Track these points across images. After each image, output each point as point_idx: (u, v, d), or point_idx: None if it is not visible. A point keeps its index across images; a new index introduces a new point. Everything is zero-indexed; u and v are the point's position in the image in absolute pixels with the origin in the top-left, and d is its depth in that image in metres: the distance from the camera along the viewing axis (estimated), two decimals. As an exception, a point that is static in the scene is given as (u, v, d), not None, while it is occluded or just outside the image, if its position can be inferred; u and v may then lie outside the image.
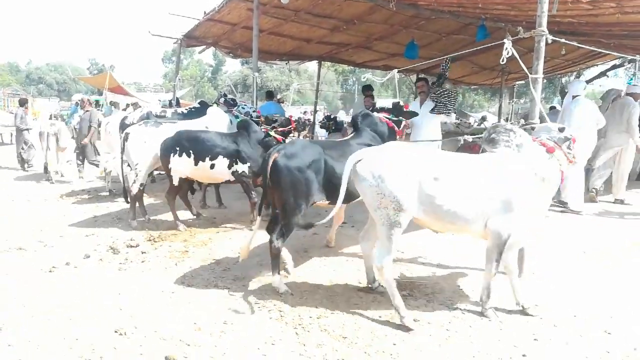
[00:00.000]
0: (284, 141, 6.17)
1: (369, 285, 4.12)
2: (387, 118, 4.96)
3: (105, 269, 4.59)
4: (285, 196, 4.05)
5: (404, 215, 3.43)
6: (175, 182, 5.87)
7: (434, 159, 3.56)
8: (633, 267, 4.75)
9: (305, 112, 23.51)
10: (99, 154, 9.26)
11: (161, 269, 4.58)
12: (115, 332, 3.33)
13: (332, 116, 16.77)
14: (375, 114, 5.05)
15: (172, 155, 5.66)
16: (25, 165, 10.99)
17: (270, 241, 4.10)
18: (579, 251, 5.17)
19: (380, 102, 9.23)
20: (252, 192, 5.92)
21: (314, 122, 14.49)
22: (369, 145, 4.54)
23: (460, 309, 3.76)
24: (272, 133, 5.97)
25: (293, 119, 6.87)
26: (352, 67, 17.01)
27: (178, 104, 9.67)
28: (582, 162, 6.66)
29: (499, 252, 3.53)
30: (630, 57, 9.45)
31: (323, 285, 4.22)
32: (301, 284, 4.25)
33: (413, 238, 5.18)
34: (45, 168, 9.68)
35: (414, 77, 15.59)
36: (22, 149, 10.91)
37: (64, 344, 3.15)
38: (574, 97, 7.21)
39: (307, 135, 19.60)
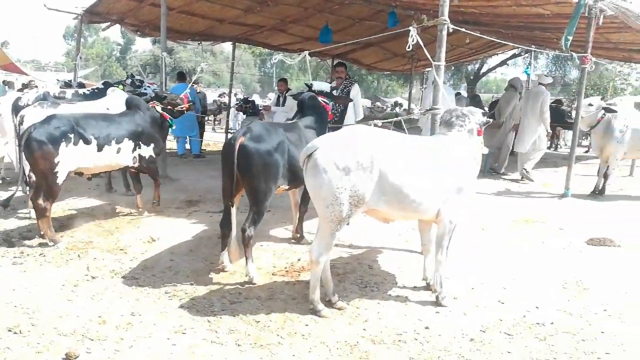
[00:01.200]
0: (171, 121, 6.02)
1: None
2: (324, 102, 4.97)
3: (-3, 263, 4.23)
4: (257, 181, 3.93)
5: (359, 210, 3.30)
6: (62, 180, 4.71)
7: (397, 145, 3.40)
8: (528, 243, 5.17)
9: (222, 95, 22.98)
10: None
11: (62, 262, 4.30)
12: (9, 330, 3.09)
13: (248, 99, 16.53)
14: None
15: (62, 144, 4.60)
16: None
17: (243, 230, 3.96)
18: (478, 228, 5.56)
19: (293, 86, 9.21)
20: (158, 176, 5.76)
21: (229, 105, 14.22)
22: (312, 128, 4.55)
23: (370, 287, 3.92)
24: (158, 109, 5.75)
25: (189, 97, 6.70)
26: (269, 50, 16.80)
27: (82, 86, 9.02)
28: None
29: (450, 237, 3.59)
30: (526, 48, 10.23)
31: (237, 271, 4.18)
32: (215, 271, 4.18)
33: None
34: None
35: (330, 61, 15.79)
36: None
37: (-53, 348, 2.87)
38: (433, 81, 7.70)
39: (218, 119, 19.14)
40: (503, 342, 3.13)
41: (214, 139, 13.59)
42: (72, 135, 4.70)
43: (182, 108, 6.18)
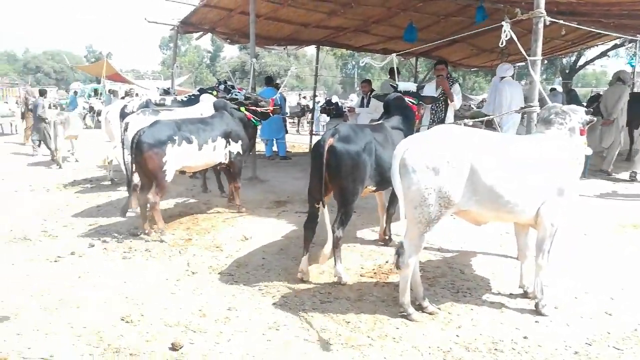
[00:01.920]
0: (256, 120, 6.29)
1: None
2: (411, 102, 4.92)
3: (110, 257, 4.62)
4: (345, 182, 3.97)
5: (449, 211, 3.25)
6: (170, 178, 5.22)
7: (490, 144, 3.30)
8: (637, 250, 4.76)
9: (304, 97, 23.44)
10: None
11: (165, 257, 4.62)
12: (122, 319, 3.37)
13: (332, 101, 16.69)
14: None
15: (169, 146, 5.11)
16: (54, 155, 11.19)
17: (333, 231, 4.00)
18: (580, 233, 5.20)
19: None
20: (239, 177, 6.13)
21: (313, 107, 14.45)
22: (399, 129, 4.52)
23: (462, 292, 3.81)
24: (243, 110, 6.12)
25: (276, 101, 6.93)
26: (351, 51, 16.84)
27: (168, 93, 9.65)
28: (513, 132, 7.10)
29: (552, 241, 3.42)
30: (630, 38, 9.39)
31: (326, 271, 4.25)
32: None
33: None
34: (53, 155, 10.13)
35: (413, 60, 15.53)
36: (44, 139, 11.07)
37: (71, 332, 3.19)
38: (502, 78, 7.52)
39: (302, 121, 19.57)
40: (612, 357, 2.91)
41: (298, 141, 13.91)
42: (176, 138, 5.21)
43: (266, 110, 6.41)
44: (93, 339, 3.12)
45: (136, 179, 5.92)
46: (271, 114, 6.64)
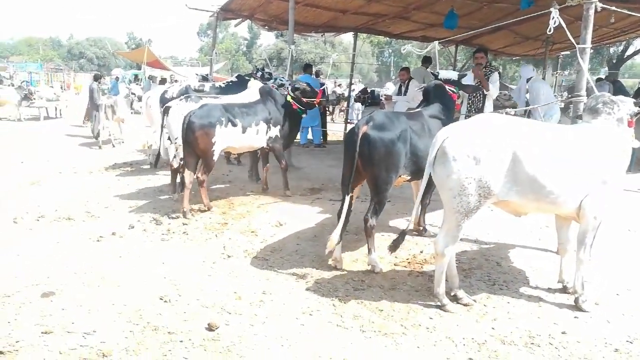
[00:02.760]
0: (301, 110, 6.32)
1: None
2: (452, 91, 4.82)
3: (149, 239, 4.76)
4: (378, 170, 3.93)
5: (487, 202, 3.19)
6: (217, 157, 5.56)
7: (533, 133, 3.20)
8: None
9: (340, 85, 23.28)
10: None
11: (202, 240, 4.72)
12: (161, 299, 3.47)
13: (368, 89, 16.52)
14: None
15: (218, 127, 5.41)
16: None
17: (365, 220, 4.02)
18: (624, 229, 5.02)
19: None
20: (284, 158, 6.31)
21: (349, 95, 14.35)
22: (438, 117, 4.45)
23: (498, 285, 3.74)
24: (289, 99, 6.22)
25: (327, 92, 6.90)
26: (388, 39, 16.62)
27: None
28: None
29: (594, 235, 3.31)
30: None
31: (360, 259, 4.25)
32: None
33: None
34: (97, 135, 10.72)
35: (452, 49, 15.19)
36: (94, 122, 11.53)
37: (113, 309, 3.31)
38: (528, 79, 7.74)
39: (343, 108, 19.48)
40: (656, 357, 2.81)
41: (332, 130, 13.87)
42: (223, 119, 5.51)
43: (312, 101, 6.40)
44: (133, 317, 3.22)
45: (175, 163, 6.09)
46: (316, 105, 6.67)
